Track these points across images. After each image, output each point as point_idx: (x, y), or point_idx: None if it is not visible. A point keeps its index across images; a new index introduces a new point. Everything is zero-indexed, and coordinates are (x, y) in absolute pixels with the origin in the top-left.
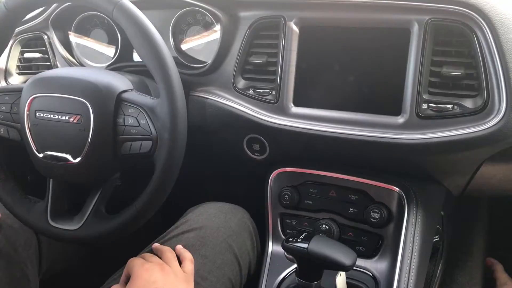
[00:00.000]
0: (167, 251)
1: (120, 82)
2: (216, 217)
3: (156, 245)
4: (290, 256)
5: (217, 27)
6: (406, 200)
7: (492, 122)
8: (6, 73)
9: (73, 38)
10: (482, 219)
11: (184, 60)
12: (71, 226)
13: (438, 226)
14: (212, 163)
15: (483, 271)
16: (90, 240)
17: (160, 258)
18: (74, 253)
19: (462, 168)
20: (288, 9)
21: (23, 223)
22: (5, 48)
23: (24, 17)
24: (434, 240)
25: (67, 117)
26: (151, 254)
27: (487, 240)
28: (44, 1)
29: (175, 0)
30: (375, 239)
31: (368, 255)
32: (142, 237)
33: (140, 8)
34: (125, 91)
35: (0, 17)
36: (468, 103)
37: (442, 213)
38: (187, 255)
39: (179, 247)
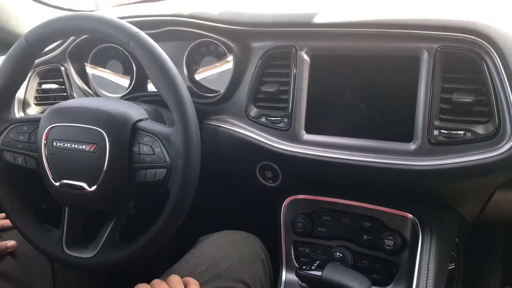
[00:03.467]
0: (172, 276)
1: (135, 112)
2: (227, 248)
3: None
4: (304, 284)
5: (230, 58)
6: (420, 227)
7: (504, 148)
8: (24, 104)
9: (90, 69)
10: (499, 247)
11: (197, 89)
12: (86, 254)
13: (453, 254)
14: (225, 190)
15: None
16: (105, 268)
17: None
18: (88, 281)
19: (475, 194)
20: (299, 39)
21: (39, 250)
22: (25, 79)
23: (44, 49)
24: (450, 267)
25: (83, 146)
26: (159, 281)
27: (504, 268)
28: (62, 34)
29: (189, 32)
30: (390, 267)
31: (382, 283)
32: (156, 264)
33: (155, 40)
34: (140, 120)
35: (20, 50)
36: (480, 129)
37: (456, 240)
38: (191, 280)
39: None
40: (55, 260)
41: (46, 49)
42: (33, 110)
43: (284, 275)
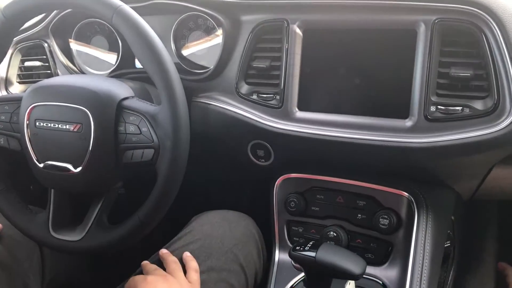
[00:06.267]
0: (172, 262)
1: (120, 89)
2: (220, 226)
3: (163, 251)
4: (298, 265)
5: (219, 32)
6: (415, 205)
7: (503, 124)
8: (7, 82)
9: (74, 45)
10: (493, 223)
11: (186, 65)
12: (73, 237)
13: (448, 231)
14: (216, 170)
15: (495, 276)
16: (93, 251)
17: (165, 269)
18: (77, 263)
19: (472, 171)
20: (291, 12)
21: (24, 234)
22: (4, 56)
23: (23, 24)
24: (445, 245)
25: (67, 126)
26: (155, 267)
27: (498, 244)
28: (42, 8)
29: (176, 5)
30: (385, 246)
31: (377, 263)
32: (146, 246)
33: (140, 14)
34: (126, 98)
35: None
36: (478, 105)
37: (452, 217)
38: (192, 264)
39: (186, 254)
40: (41, 243)
41: (27, 24)
42: (16, 89)
43: (277, 255)
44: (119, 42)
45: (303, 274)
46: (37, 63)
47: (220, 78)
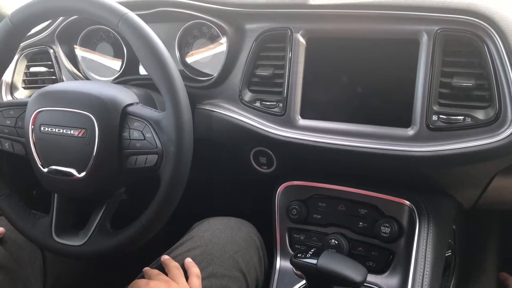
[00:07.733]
0: (174, 268)
1: (125, 96)
2: (222, 233)
3: (164, 257)
4: (299, 272)
5: (223, 40)
6: (417, 214)
7: (505, 133)
8: (12, 87)
9: (79, 51)
10: (494, 233)
11: (190, 73)
12: (76, 241)
13: (450, 241)
14: (218, 177)
15: (496, 286)
16: (95, 256)
17: (167, 274)
18: (79, 268)
19: (474, 180)
20: (295, 21)
21: (27, 238)
22: (11, 62)
23: (30, 31)
24: (446, 254)
25: (72, 131)
26: (158, 272)
27: (499, 253)
28: (49, 14)
29: (181, 13)
30: (386, 254)
31: (379, 271)
32: (149, 252)
33: (146, 21)
34: (130, 104)
35: (5, 31)
36: (480, 115)
37: (454, 227)
38: (194, 270)
39: (188, 260)
40: (44, 248)
41: (33, 30)
42: (22, 94)
43: (278, 262)
44: (124, 48)
45: (304, 281)
46: (43, 69)
47: (224, 85)
